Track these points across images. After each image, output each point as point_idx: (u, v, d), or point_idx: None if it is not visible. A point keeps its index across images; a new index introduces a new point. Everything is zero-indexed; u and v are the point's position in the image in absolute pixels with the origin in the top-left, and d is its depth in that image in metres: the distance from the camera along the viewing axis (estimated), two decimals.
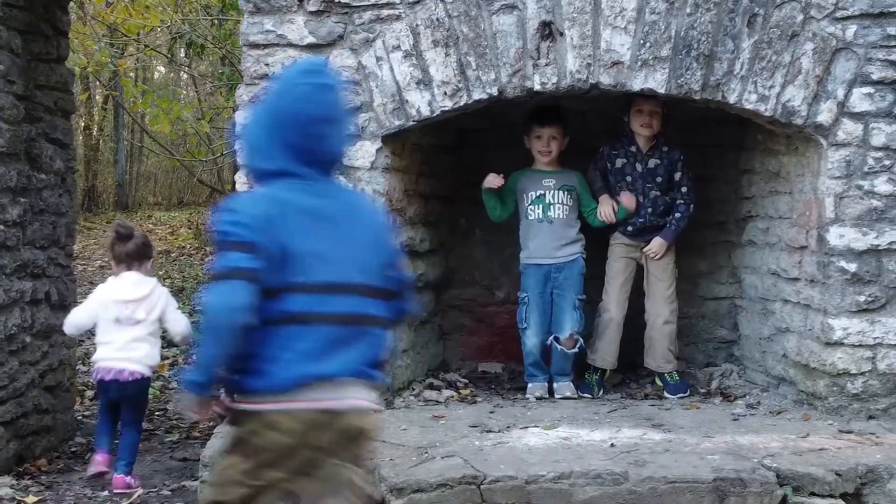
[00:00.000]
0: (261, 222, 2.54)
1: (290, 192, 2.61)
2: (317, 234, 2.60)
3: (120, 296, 4.70)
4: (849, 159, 4.48)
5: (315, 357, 2.56)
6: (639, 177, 5.18)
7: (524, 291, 5.18)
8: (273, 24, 4.60)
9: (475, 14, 4.53)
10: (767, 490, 3.72)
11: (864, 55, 4.45)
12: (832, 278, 4.49)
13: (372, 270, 2.67)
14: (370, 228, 2.73)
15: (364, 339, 2.64)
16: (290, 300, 2.55)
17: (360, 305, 2.63)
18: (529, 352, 5.12)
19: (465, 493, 3.71)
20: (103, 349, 4.71)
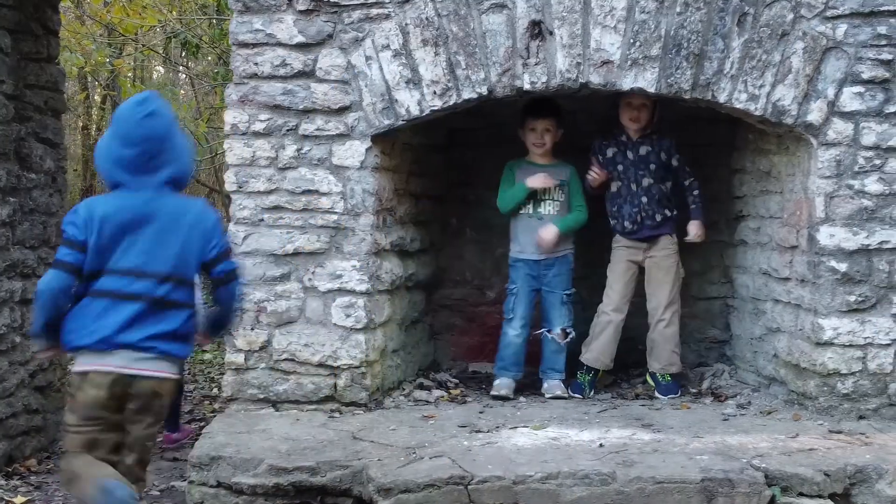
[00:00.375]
0: (88, 222, 3.36)
1: (119, 199, 3.41)
2: (133, 231, 3.38)
3: None
4: (839, 159, 4.47)
5: (122, 328, 3.35)
6: (630, 164, 5.16)
7: (513, 283, 5.17)
8: (262, 24, 4.59)
9: (464, 13, 4.52)
10: (756, 490, 3.72)
11: (855, 54, 4.44)
12: (822, 278, 4.48)
13: (181, 262, 3.43)
14: (186, 229, 3.44)
15: (165, 317, 3.40)
16: (105, 281, 3.37)
17: (163, 290, 3.39)
18: (510, 342, 5.10)
19: (453, 493, 3.71)
20: None
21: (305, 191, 4.60)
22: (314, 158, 4.61)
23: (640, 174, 5.16)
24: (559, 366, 5.13)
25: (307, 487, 3.93)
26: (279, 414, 4.60)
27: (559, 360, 5.13)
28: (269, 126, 4.61)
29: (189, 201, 3.61)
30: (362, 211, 4.59)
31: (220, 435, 4.28)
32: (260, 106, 4.61)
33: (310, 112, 4.60)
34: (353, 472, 3.90)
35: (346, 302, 4.59)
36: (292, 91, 4.59)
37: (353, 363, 4.60)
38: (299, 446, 4.13)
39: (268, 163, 4.62)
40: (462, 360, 5.74)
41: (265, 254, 4.63)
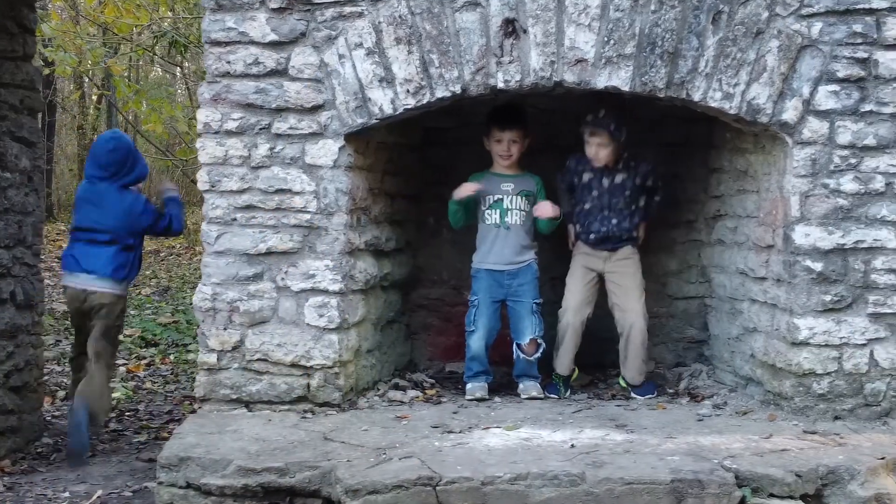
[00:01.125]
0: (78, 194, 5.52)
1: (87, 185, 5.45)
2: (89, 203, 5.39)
3: None
4: (814, 158, 4.45)
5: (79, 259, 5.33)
6: (605, 192, 5.12)
7: (475, 294, 5.12)
8: (235, 22, 4.56)
9: (438, 11, 4.49)
10: (726, 491, 3.69)
11: (830, 53, 4.42)
12: (798, 278, 4.45)
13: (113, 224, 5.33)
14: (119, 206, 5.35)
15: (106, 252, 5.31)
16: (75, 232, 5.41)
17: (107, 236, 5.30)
18: (475, 355, 5.05)
19: (421, 494, 3.68)
20: None
21: (278, 190, 4.58)
22: (287, 157, 4.58)
23: (615, 200, 5.11)
24: (533, 372, 5.10)
25: (276, 488, 3.90)
26: (252, 414, 4.57)
27: (532, 367, 5.10)
28: (242, 125, 4.58)
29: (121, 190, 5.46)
30: (336, 210, 4.57)
31: (191, 436, 4.26)
32: (233, 105, 4.58)
33: (283, 111, 4.57)
34: (323, 473, 3.87)
35: (319, 302, 4.56)
36: (265, 90, 4.57)
37: (327, 363, 4.57)
38: (269, 447, 4.10)
39: (240, 162, 4.59)
40: (439, 360, 5.70)
41: (238, 253, 4.60)
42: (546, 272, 5.30)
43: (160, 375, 7.34)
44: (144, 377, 7.27)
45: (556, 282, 5.39)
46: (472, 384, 5.01)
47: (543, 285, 5.24)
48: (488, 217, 5.12)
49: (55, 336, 8.45)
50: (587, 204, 5.16)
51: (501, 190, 5.12)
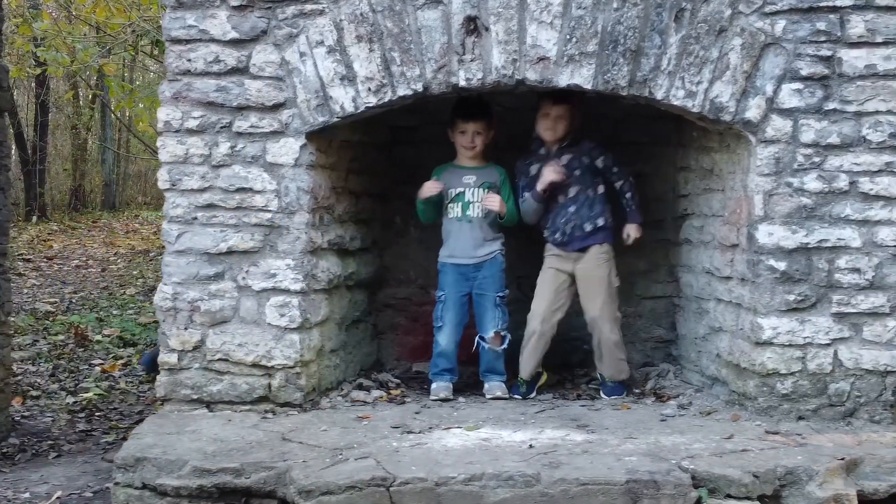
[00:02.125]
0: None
1: None
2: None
3: None
4: (778, 156, 4.42)
5: None
6: None
7: (441, 290, 5.11)
8: (195, 19, 4.53)
9: (399, 9, 4.46)
10: (681, 492, 3.66)
11: (794, 50, 4.39)
12: (762, 277, 4.43)
13: None
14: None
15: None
16: None
17: None
18: (442, 351, 5.03)
19: (374, 495, 3.65)
20: None
21: (239, 189, 4.55)
22: (248, 156, 4.55)
23: (566, 185, 5.07)
24: (499, 369, 5.07)
25: (231, 489, 3.87)
26: (212, 414, 4.55)
27: (498, 364, 5.07)
28: (203, 123, 4.55)
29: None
30: (297, 209, 4.54)
31: (149, 436, 4.23)
32: (193, 103, 4.56)
33: (244, 109, 4.54)
34: (278, 474, 3.84)
35: (280, 301, 4.54)
36: (226, 88, 4.54)
37: (288, 363, 4.54)
38: (227, 447, 4.07)
39: (201, 160, 4.56)
40: (406, 360, 5.68)
41: (199, 252, 4.57)
42: (512, 271, 5.27)
43: (135, 376, 7.31)
44: (119, 377, 7.23)
45: (521, 280, 5.36)
46: (436, 384, 4.99)
47: (510, 284, 5.21)
48: (451, 211, 5.11)
49: (33, 336, 8.42)
50: None
51: (463, 183, 5.10)
